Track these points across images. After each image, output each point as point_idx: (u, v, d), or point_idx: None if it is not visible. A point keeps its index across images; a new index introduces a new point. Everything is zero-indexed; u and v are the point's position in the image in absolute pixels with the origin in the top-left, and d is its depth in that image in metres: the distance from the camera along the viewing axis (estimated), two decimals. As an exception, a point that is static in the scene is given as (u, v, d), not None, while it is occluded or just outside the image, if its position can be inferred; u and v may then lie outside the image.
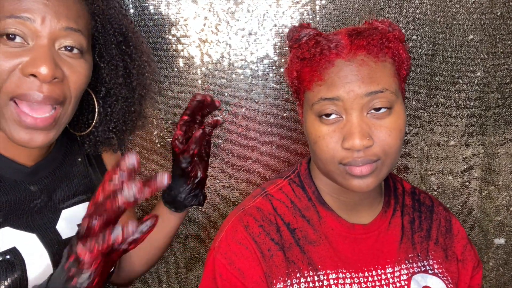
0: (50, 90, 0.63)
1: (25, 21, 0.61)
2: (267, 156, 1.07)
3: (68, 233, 0.74)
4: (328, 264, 0.74)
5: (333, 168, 0.69)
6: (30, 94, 0.62)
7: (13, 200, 0.68)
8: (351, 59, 0.66)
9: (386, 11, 1.00)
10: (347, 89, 0.65)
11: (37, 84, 0.62)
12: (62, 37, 0.65)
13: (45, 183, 0.73)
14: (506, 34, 1.02)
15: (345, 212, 0.78)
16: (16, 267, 0.65)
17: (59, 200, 0.75)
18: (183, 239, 1.11)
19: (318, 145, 0.69)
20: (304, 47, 0.72)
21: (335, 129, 0.67)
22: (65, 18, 0.64)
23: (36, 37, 0.63)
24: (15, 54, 0.62)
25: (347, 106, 0.66)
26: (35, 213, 0.71)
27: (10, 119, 0.63)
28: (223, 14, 0.99)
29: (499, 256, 1.14)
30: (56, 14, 0.63)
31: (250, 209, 0.77)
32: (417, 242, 0.79)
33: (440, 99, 1.05)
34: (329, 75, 0.67)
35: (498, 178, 1.10)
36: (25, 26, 0.62)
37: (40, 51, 0.62)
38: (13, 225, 0.67)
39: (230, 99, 1.04)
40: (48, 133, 0.66)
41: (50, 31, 0.63)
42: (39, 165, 0.73)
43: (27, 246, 0.67)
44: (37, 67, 0.61)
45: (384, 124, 0.66)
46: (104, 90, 0.77)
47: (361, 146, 0.64)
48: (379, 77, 0.66)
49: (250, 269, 0.72)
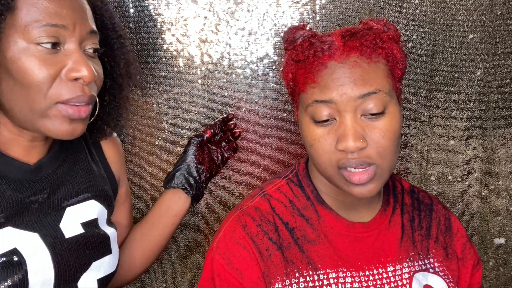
0: (90, 90, 0.69)
1: (60, 29, 0.64)
2: (267, 156, 1.07)
3: (72, 231, 0.73)
4: (327, 263, 0.74)
5: (333, 173, 0.69)
6: (76, 97, 0.67)
7: (17, 200, 0.68)
8: (344, 61, 0.66)
9: (386, 11, 1.00)
10: (340, 91, 0.65)
11: (80, 86, 0.67)
12: (86, 40, 0.69)
13: (48, 180, 0.73)
14: (506, 33, 1.02)
15: (344, 211, 0.78)
16: (17, 269, 0.65)
17: (63, 198, 0.75)
18: (183, 239, 1.11)
19: (314, 148, 0.69)
20: (299, 49, 0.72)
21: (329, 131, 0.67)
22: (88, 22, 0.69)
23: (66, 42, 0.66)
24: (53, 61, 0.64)
25: (340, 109, 0.66)
26: (38, 212, 0.71)
27: (56, 117, 0.67)
28: (223, 14, 0.99)
29: (499, 256, 1.14)
30: (82, 19, 0.67)
31: (248, 209, 0.77)
32: (418, 241, 0.79)
33: (440, 99, 1.05)
34: (322, 77, 0.67)
35: (498, 178, 1.10)
36: (59, 34, 0.64)
37: (77, 55, 0.66)
38: (15, 224, 0.67)
39: (230, 99, 1.04)
40: (83, 123, 0.71)
41: (79, 36, 0.67)
42: (42, 162, 0.73)
43: (29, 247, 0.67)
44: (81, 71, 0.66)
45: (378, 125, 0.66)
46: (108, 82, 0.80)
47: (355, 148, 0.64)
48: (372, 78, 0.66)
49: (248, 269, 0.72)
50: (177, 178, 0.93)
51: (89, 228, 0.76)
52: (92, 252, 0.76)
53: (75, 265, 0.72)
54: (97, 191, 0.80)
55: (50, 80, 0.64)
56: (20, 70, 0.63)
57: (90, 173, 0.81)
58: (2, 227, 0.65)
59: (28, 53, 0.63)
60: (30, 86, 0.63)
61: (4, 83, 0.65)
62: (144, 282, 1.13)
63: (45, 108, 0.66)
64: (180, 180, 0.93)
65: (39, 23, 0.63)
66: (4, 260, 0.64)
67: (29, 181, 0.70)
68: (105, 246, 0.79)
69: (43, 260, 0.68)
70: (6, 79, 0.64)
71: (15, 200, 0.67)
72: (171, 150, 1.06)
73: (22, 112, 0.66)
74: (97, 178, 0.82)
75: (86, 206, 0.77)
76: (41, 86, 0.64)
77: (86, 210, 0.77)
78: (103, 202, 0.81)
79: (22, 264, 0.65)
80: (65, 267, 0.71)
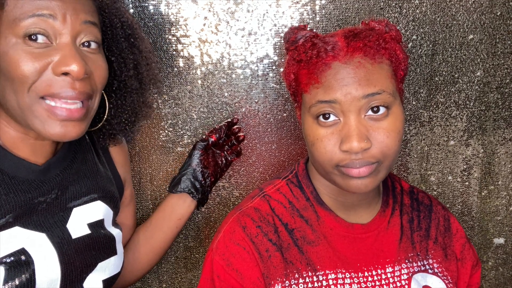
0: (82, 86, 0.66)
1: (47, 18, 0.62)
2: (267, 156, 1.07)
3: (79, 232, 0.74)
4: (327, 264, 0.74)
5: (330, 170, 0.69)
6: (63, 92, 0.64)
7: (25, 200, 0.68)
8: (348, 62, 0.66)
9: (386, 11, 1.00)
10: (344, 91, 0.65)
11: (69, 81, 0.64)
12: (82, 32, 0.66)
13: (57, 181, 0.73)
14: (506, 34, 1.02)
15: (343, 212, 0.78)
16: (24, 268, 0.65)
17: (71, 199, 0.75)
18: (183, 239, 1.11)
19: (316, 147, 0.69)
20: (301, 49, 0.71)
21: (333, 131, 0.67)
22: (82, 12, 0.66)
23: (58, 35, 0.64)
24: (42, 54, 0.63)
25: (344, 109, 0.66)
26: (46, 212, 0.71)
27: (42, 115, 0.65)
28: (223, 14, 0.99)
29: (498, 255, 1.14)
30: (74, 9, 0.65)
31: (248, 210, 0.77)
32: (417, 242, 0.79)
33: (440, 99, 1.05)
34: (326, 78, 0.67)
35: (497, 178, 1.10)
36: (47, 24, 0.63)
37: (67, 49, 0.64)
38: (23, 224, 0.67)
39: (230, 99, 1.04)
40: (81, 124, 0.68)
41: (71, 27, 0.65)
42: (50, 162, 0.73)
43: (36, 247, 0.67)
44: (69, 65, 0.63)
45: (382, 126, 0.66)
46: (115, 84, 0.78)
47: (359, 149, 0.64)
48: (376, 79, 0.66)
49: (248, 270, 0.72)
50: (183, 183, 0.94)
51: (95, 229, 0.76)
52: (98, 253, 0.76)
53: (81, 265, 0.72)
54: (103, 192, 0.80)
55: (35, 73, 0.62)
56: (7, 63, 0.62)
57: (97, 174, 0.81)
58: (11, 227, 0.66)
59: (16, 47, 0.62)
60: (14, 79, 0.62)
61: None
62: (144, 282, 1.13)
63: (29, 103, 0.64)
64: (186, 184, 0.94)
65: (26, 14, 0.61)
66: (12, 260, 0.64)
67: (38, 181, 0.70)
68: (110, 247, 0.79)
69: (50, 260, 0.68)
70: None
71: (24, 200, 0.67)
72: (171, 150, 1.06)
73: (13, 109, 0.65)
74: (104, 180, 0.82)
75: (93, 207, 0.77)
76: (24, 80, 0.62)
77: (93, 211, 0.77)
78: (109, 203, 0.81)
79: (29, 264, 0.65)
80: (72, 267, 0.71)
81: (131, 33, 0.78)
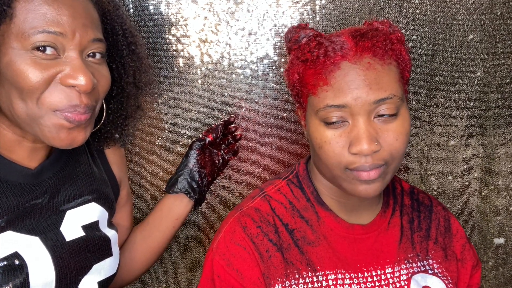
0: (88, 99, 0.66)
1: (57, 36, 0.63)
2: (267, 156, 1.07)
3: (73, 234, 0.73)
4: (327, 265, 0.74)
5: (339, 173, 0.68)
6: (72, 105, 0.65)
7: (18, 204, 0.67)
8: (358, 61, 0.65)
9: (386, 11, 1.00)
10: (355, 95, 0.64)
11: (77, 94, 0.65)
12: (88, 47, 0.67)
13: (49, 184, 0.73)
14: (506, 34, 1.02)
15: (344, 213, 0.78)
16: (18, 272, 0.65)
17: (64, 201, 0.75)
18: (183, 239, 1.11)
19: (324, 150, 0.67)
20: (305, 48, 0.70)
21: (341, 133, 0.66)
22: (91, 30, 0.67)
23: (67, 49, 0.64)
24: (49, 65, 0.63)
25: (354, 112, 0.65)
26: (39, 215, 0.70)
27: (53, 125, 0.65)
28: (223, 14, 0.99)
29: (498, 256, 1.14)
30: (84, 27, 0.65)
31: (248, 210, 0.77)
32: (417, 242, 0.79)
33: (440, 99, 1.05)
34: (335, 79, 0.65)
35: (497, 178, 1.10)
36: (56, 40, 0.63)
37: (75, 63, 0.64)
38: (15, 228, 0.67)
39: (230, 99, 1.04)
40: (85, 129, 0.69)
41: (80, 43, 0.65)
42: (43, 166, 0.73)
43: (30, 250, 0.67)
44: (77, 80, 0.64)
45: (391, 128, 0.65)
46: (115, 89, 0.79)
47: (369, 151, 0.63)
48: (386, 83, 0.65)
49: (248, 270, 0.72)
50: (180, 183, 0.93)
51: (89, 231, 0.76)
52: (92, 255, 0.76)
53: (76, 268, 0.72)
54: (97, 194, 0.80)
55: (43, 84, 0.63)
56: (15, 73, 0.62)
57: (91, 176, 0.81)
58: (3, 231, 0.65)
59: (23, 57, 0.62)
60: (23, 89, 0.62)
61: (2, 88, 0.64)
62: (144, 282, 1.13)
63: (41, 114, 0.64)
64: (183, 184, 0.93)
65: (36, 29, 0.61)
66: (6, 264, 0.64)
67: (30, 185, 0.70)
68: (105, 249, 0.79)
69: (44, 263, 0.68)
70: (3, 84, 0.64)
71: (16, 205, 0.67)
72: (171, 150, 1.06)
73: (20, 116, 0.65)
74: (98, 181, 0.82)
75: (87, 209, 0.77)
76: (33, 90, 0.62)
77: (87, 213, 0.77)
78: (104, 204, 0.81)
79: (23, 268, 0.65)
80: (66, 270, 0.71)
81: (132, 41, 0.79)
